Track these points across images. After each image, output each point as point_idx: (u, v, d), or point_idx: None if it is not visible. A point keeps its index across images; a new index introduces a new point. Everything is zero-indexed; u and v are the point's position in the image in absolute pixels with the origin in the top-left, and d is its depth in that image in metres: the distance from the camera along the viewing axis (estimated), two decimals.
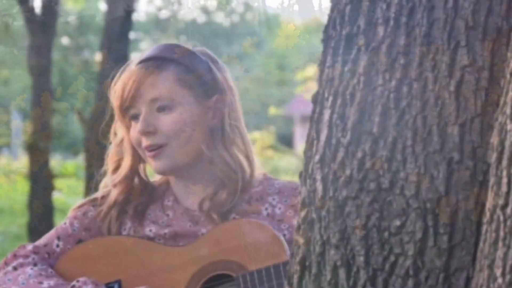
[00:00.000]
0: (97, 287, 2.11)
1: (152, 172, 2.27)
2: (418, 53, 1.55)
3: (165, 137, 2.14)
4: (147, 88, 2.14)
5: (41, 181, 9.64)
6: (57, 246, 2.22)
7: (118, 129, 2.25)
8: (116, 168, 2.25)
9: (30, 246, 2.21)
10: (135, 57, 2.27)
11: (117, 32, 9.12)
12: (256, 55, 36.11)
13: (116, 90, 2.19)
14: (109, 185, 2.26)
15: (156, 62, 2.17)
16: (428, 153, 1.54)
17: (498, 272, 1.36)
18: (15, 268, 2.17)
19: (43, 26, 9.84)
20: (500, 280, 1.35)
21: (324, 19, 1.68)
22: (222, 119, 2.19)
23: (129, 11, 8.93)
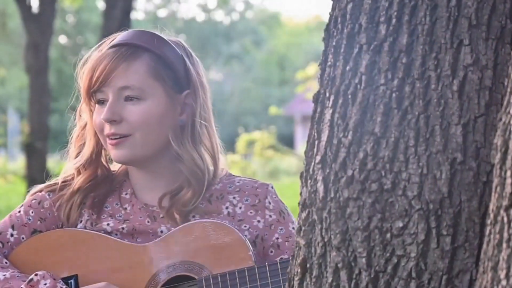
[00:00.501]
0: (55, 281, 2.05)
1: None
2: (421, 52, 1.54)
3: (130, 128, 2.09)
4: (118, 75, 2.08)
5: (38, 182, 9.62)
6: (11, 235, 2.14)
7: (83, 112, 2.18)
8: (80, 152, 2.19)
9: None
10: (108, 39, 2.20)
11: (115, 31, 9.10)
12: (256, 54, 36.22)
13: (85, 72, 2.12)
14: (71, 169, 2.19)
15: (130, 49, 2.11)
16: (431, 154, 1.52)
17: (502, 274, 1.35)
18: None
19: (40, 25, 9.83)
20: (504, 282, 1.34)
21: (326, 17, 1.66)
22: (192, 116, 2.13)
23: (127, 9, 8.92)
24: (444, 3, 1.54)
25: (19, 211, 2.17)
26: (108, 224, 2.14)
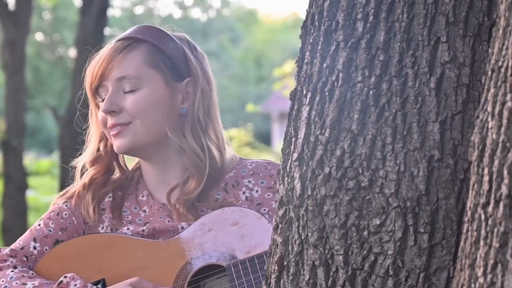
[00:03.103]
0: (85, 282, 2.07)
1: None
2: (398, 49, 1.54)
3: (129, 116, 2.11)
4: (115, 67, 2.12)
5: (14, 179, 9.57)
6: (34, 248, 2.16)
7: (92, 113, 2.22)
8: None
9: (6, 250, 2.15)
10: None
11: (92, 28, 9.06)
12: (233, 51, 36.17)
13: (88, 72, 2.17)
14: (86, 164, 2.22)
15: (126, 42, 2.15)
16: (408, 151, 1.52)
17: (479, 271, 1.34)
18: None
19: (17, 22, 9.76)
20: (481, 280, 1.34)
21: (303, 14, 1.65)
22: (194, 105, 2.15)
23: (104, 6, 8.88)
24: (421, 0, 1.53)
25: (39, 224, 2.20)
26: (128, 229, 2.15)
